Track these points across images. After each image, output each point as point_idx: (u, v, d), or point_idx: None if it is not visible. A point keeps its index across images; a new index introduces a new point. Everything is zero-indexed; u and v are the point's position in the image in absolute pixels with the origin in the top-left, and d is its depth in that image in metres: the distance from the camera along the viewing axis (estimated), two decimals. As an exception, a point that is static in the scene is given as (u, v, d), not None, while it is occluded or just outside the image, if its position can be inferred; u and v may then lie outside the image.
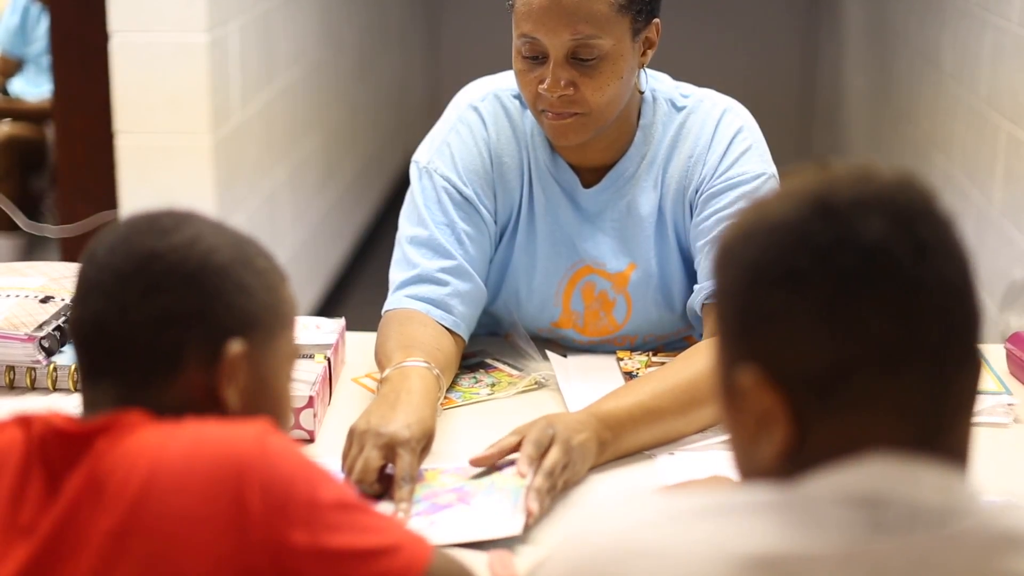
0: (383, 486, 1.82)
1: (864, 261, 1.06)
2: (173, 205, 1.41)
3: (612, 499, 1.16)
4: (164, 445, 1.27)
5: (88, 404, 1.37)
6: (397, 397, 1.90)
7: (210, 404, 1.35)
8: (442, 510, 1.78)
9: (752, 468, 1.14)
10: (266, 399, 1.40)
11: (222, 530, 1.24)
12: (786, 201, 1.12)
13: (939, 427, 1.09)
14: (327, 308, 5.26)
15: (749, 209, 1.16)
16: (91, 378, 1.37)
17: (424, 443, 1.86)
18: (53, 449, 1.31)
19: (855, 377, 1.07)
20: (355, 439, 1.85)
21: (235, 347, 1.35)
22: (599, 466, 1.91)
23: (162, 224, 1.37)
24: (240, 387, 1.36)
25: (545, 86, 2.08)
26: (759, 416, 1.10)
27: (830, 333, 1.07)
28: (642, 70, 2.19)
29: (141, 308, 1.33)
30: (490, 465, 1.86)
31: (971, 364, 1.11)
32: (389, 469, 1.82)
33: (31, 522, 1.28)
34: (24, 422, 1.34)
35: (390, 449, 1.82)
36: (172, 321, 1.34)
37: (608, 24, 2.06)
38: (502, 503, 1.78)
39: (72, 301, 1.39)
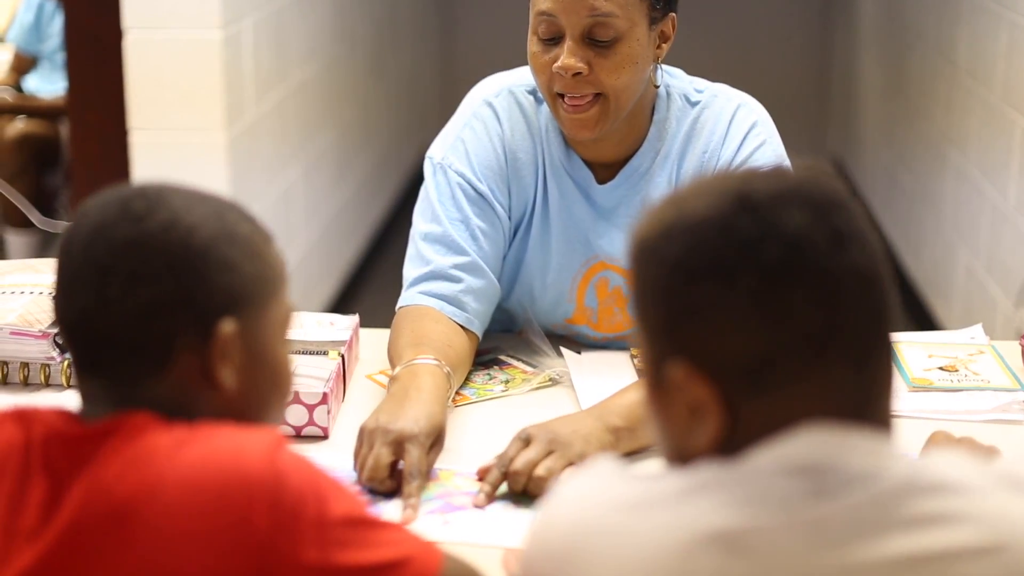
0: (395, 483, 1.82)
1: (788, 252, 1.12)
2: (144, 183, 1.37)
3: (574, 478, 1.21)
4: (171, 456, 1.26)
5: (86, 398, 1.35)
6: (406, 395, 1.91)
7: (207, 387, 1.33)
8: (456, 511, 1.78)
9: (685, 456, 1.18)
10: (263, 370, 1.38)
11: (226, 548, 1.23)
12: (704, 198, 1.16)
13: (864, 404, 1.15)
14: (341, 304, 5.26)
15: (664, 206, 1.20)
16: (85, 373, 1.35)
17: (433, 438, 1.86)
18: (56, 453, 1.29)
19: (783, 361, 1.12)
20: (365, 437, 1.85)
21: (226, 327, 1.32)
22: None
23: (135, 209, 1.32)
24: (235, 365, 1.34)
25: (560, 64, 2.08)
26: (691, 407, 1.15)
27: (758, 322, 1.12)
28: (657, 65, 2.18)
29: (125, 301, 1.30)
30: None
31: (887, 347, 1.17)
32: (401, 466, 1.83)
33: (34, 528, 1.27)
34: (23, 420, 1.32)
35: (399, 445, 1.82)
36: (159, 311, 1.30)
37: (625, 5, 2.07)
38: (517, 512, 1.79)
39: (54, 295, 1.36)
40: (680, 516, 1.11)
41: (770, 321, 1.12)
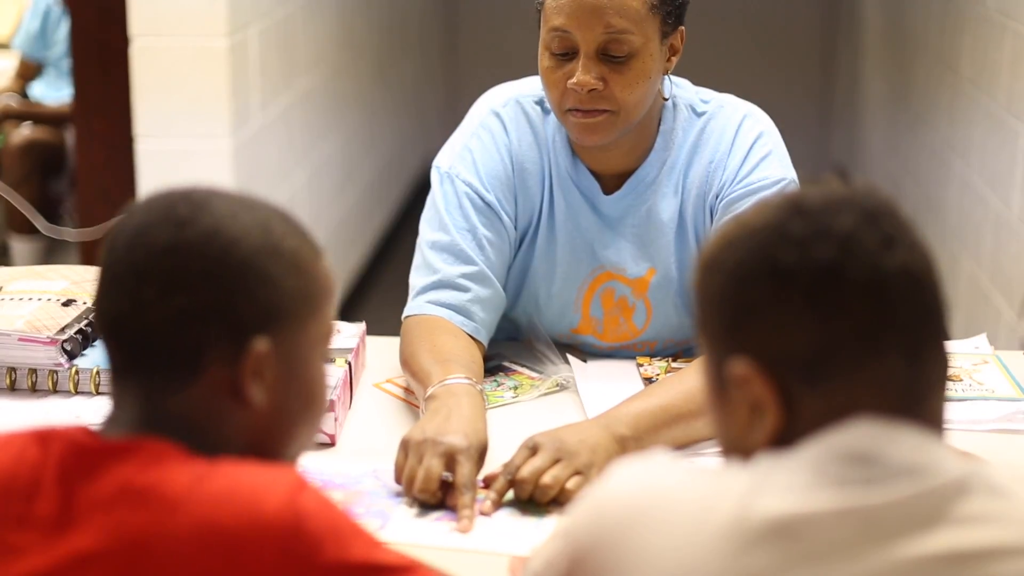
0: (442, 494, 1.82)
1: (839, 250, 1.18)
2: (193, 186, 1.34)
3: (632, 462, 1.27)
4: (188, 495, 1.23)
5: (115, 403, 1.34)
6: (449, 411, 1.90)
7: (235, 402, 1.30)
8: (453, 512, 1.79)
9: (744, 452, 1.24)
10: (296, 388, 1.34)
11: None
12: (763, 210, 1.24)
13: (915, 400, 1.21)
14: (345, 311, 5.26)
15: (725, 224, 1.28)
16: (117, 373, 1.33)
17: (481, 453, 1.86)
18: (71, 466, 1.27)
19: (836, 355, 1.19)
20: (412, 450, 1.84)
21: (259, 346, 1.29)
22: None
23: (178, 214, 1.29)
24: (267, 383, 1.31)
25: (575, 80, 2.08)
26: (752, 404, 1.22)
27: (812, 317, 1.18)
28: (666, 77, 2.19)
29: (159, 307, 1.27)
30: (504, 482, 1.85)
31: (940, 349, 1.23)
32: (446, 476, 1.82)
33: (39, 540, 1.25)
34: (43, 440, 1.29)
35: (450, 457, 1.82)
36: (191, 320, 1.28)
37: (640, 21, 2.07)
38: (523, 521, 1.79)
39: (96, 292, 1.34)
40: (735, 501, 1.16)
41: (823, 316, 1.18)
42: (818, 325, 1.18)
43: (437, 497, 1.81)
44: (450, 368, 2.01)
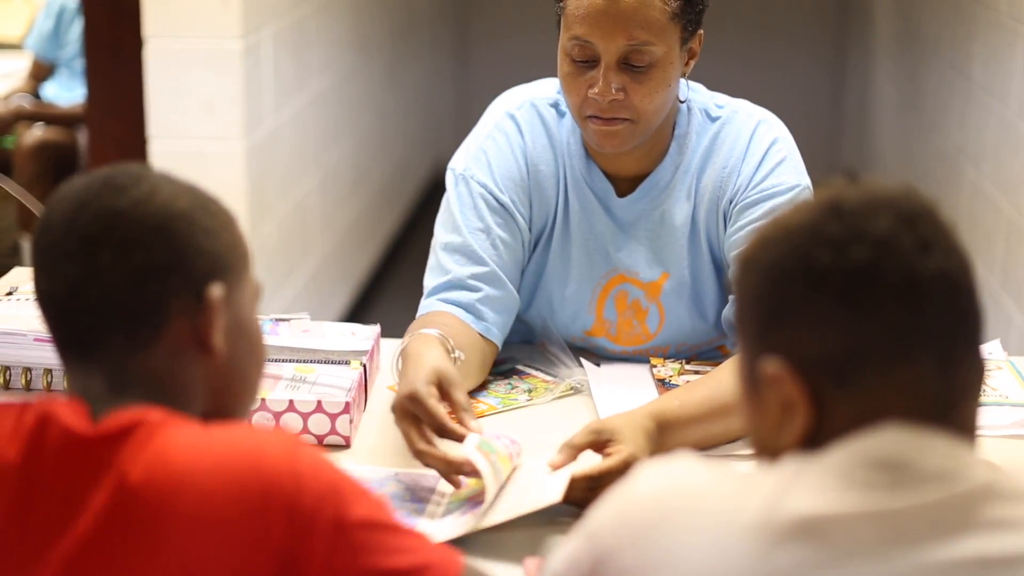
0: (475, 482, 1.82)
1: (875, 253, 1.18)
2: (121, 164, 1.39)
3: (657, 463, 1.27)
4: (193, 459, 1.25)
5: (77, 381, 1.33)
6: (401, 375, 1.96)
7: (199, 353, 1.34)
8: (479, 505, 1.79)
9: (774, 453, 1.24)
10: (244, 339, 1.39)
11: (246, 552, 1.23)
12: (800, 210, 1.24)
13: (947, 407, 1.20)
14: (356, 314, 5.28)
15: (765, 224, 1.27)
16: (75, 354, 1.34)
17: (435, 381, 1.88)
18: (70, 461, 1.27)
19: (868, 358, 1.18)
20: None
21: (216, 291, 1.33)
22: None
23: (117, 182, 1.34)
24: (223, 330, 1.35)
25: (596, 91, 2.09)
26: (783, 404, 1.21)
27: (845, 319, 1.18)
28: (682, 79, 2.19)
29: (116, 268, 1.30)
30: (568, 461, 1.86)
31: (975, 356, 1.22)
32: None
33: (47, 539, 1.26)
34: (33, 424, 1.29)
35: (407, 410, 1.85)
36: (150, 275, 1.31)
37: (662, 31, 2.07)
38: (535, 475, 1.81)
39: (35, 276, 1.35)
40: (762, 500, 1.16)
41: (856, 318, 1.18)
42: (850, 327, 1.18)
43: (436, 456, 1.82)
44: (411, 335, 2.05)
